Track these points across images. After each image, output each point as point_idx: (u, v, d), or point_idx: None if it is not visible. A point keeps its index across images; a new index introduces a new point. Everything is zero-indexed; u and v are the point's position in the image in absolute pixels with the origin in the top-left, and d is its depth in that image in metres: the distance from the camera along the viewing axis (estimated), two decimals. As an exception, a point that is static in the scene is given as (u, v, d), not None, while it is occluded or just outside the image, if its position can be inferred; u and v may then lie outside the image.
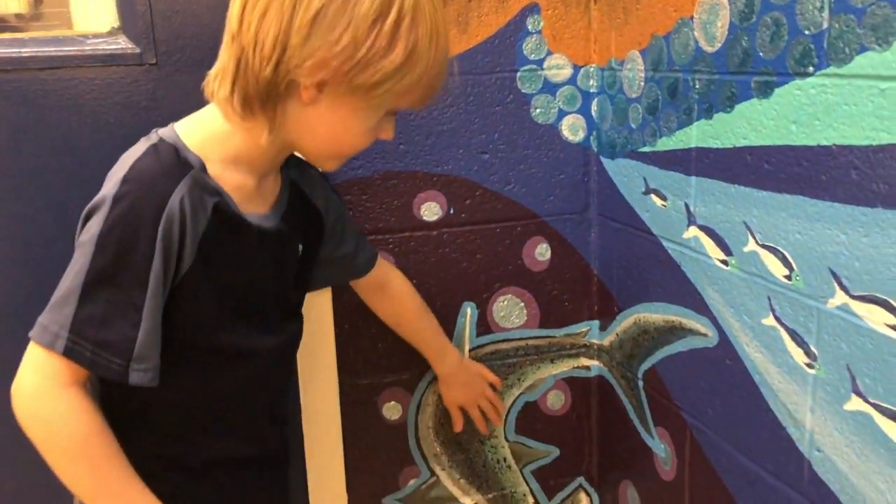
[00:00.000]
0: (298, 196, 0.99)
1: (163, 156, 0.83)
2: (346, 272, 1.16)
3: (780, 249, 0.93)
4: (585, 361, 1.46)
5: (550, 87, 1.33)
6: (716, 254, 1.05)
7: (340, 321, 1.31)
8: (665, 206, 1.17)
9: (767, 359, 0.98)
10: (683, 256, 1.14)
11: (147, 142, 0.85)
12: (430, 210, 1.33)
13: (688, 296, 1.13)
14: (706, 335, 1.10)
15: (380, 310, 1.25)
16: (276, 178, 0.95)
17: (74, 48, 1.14)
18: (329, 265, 1.10)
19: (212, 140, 0.86)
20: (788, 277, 0.92)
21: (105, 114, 1.16)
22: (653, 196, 1.20)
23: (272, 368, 0.97)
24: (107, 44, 1.16)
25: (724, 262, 1.04)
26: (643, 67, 1.19)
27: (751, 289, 0.99)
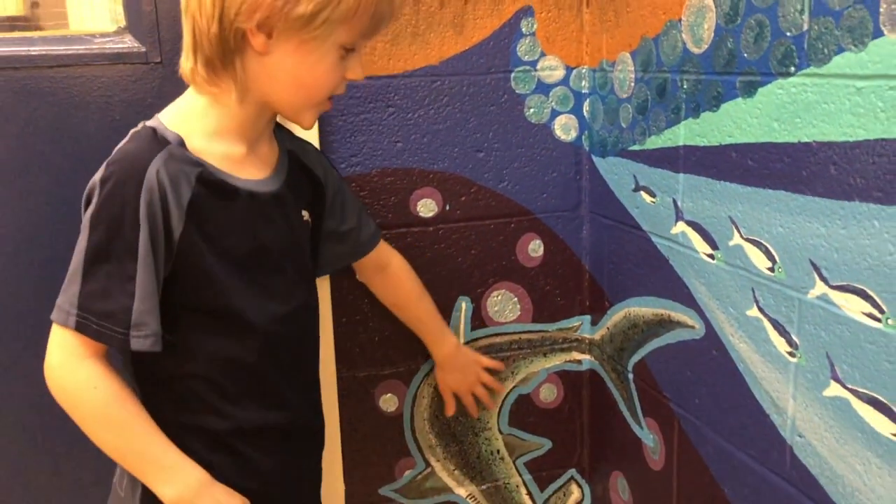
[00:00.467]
0: (298, 164, 1.03)
1: (142, 137, 0.89)
2: (352, 249, 1.17)
3: (764, 242, 0.96)
4: (577, 356, 1.48)
5: (544, 88, 1.36)
6: (702, 248, 1.08)
7: (338, 315, 1.34)
8: (654, 203, 1.19)
9: (751, 349, 1.00)
10: (671, 251, 1.16)
11: (133, 130, 0.91)
12: (427, 206, 1.35)
13: (676, 289, 1.16)
14: (693, 327, 1.13)
15: (380, 291, 1.28)
16: (272, 146, 1.00)
17: (82, 47, 1.18)
18: (336, 241, 1.13)
19: (191, 117, 0.92)
20: (771, 269, 0.95)
21: (111, 110, 1.19)
22: (642, 193, 1.23)
23: (291, 337, 1.00)
24: (113, 43, 1.19)
25: (711, 256, 1.07)
26: (633, 68, 1.21)
27: (736, 281, 1.02)
